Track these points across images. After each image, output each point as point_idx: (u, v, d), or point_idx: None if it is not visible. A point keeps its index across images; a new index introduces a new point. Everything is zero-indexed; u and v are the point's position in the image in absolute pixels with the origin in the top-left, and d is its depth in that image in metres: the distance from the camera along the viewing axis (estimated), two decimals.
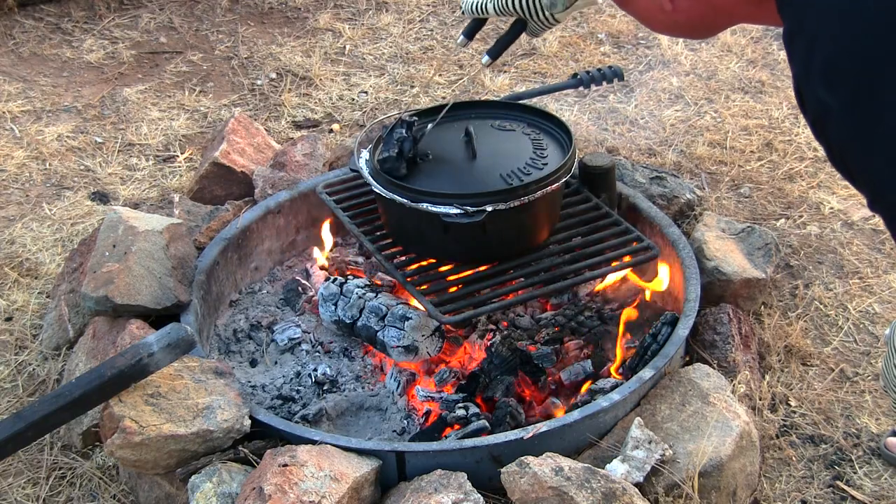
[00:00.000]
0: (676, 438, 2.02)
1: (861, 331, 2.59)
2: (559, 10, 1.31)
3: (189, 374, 2.08)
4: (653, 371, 2.12)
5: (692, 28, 1.20)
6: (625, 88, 3.81)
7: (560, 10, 1.30)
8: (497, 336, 2.40)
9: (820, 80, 0.96)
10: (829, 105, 0.96)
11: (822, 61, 0.95)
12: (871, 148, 0.94)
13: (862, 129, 0.94)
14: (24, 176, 3.36)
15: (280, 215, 2.77)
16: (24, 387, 2.47)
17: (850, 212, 3.03)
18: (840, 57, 0.94)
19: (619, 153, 3.29)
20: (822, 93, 0.96)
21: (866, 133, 0.94)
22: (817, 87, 0.96)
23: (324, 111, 3.76)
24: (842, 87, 0.94)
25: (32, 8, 4.48)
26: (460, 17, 4.47)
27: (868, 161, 0.96)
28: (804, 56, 0.98)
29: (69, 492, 2.18)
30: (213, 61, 4.16)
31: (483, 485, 1.91)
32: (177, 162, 3.43)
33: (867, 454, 2.24)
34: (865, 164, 0.97)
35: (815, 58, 0.96)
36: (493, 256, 2.29)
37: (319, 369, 2.38)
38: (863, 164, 0.97)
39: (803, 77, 0.99)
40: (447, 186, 2.17)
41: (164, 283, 2.36)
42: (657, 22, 1.22)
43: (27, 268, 2.89)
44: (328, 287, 2.49)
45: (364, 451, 1.97)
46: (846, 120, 0.95)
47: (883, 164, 0.95)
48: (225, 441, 2.00)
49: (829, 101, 0.95)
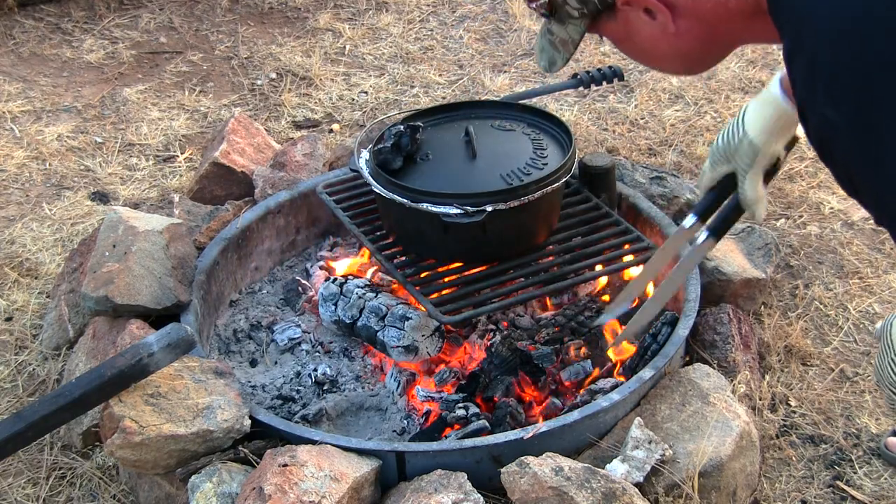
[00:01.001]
0: (676, 438, 2.02)
1: (861, 331, 2.59)
2: (559, 68, 1.32)
3: (189, 374, 2.08)
4: (653, 371, 2.12)
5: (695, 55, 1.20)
6: (625, 88, 3.81)
7: (560, 66, 1.31)
8: (497, 336, 2.40)
9: (823, 97, 0.95)
10: (834, 122, 0.95)
11: (824, 78, 0.95)
12: (876, 162, 0.94)
13: (867, 144, 0.94)
14: (24, 176, 3.37)
15: (280, 215, 2.77)
16: (24, 387, 2.47)
17: (850, 212, 3.03)
18: (842, 73, 0.93)
19: (619, 153, 3.29)
20: (827, 110, 0.95)
21: (871, 147, 0.94)
22: (821, 105, 0.96)
23: (324, 111, 3.76)
24: (845, 103, 0.94)
25: (32, 8, 4.48)
26: (460, 16, 4.48)
27: (873, 175, 0.96)
28: (806, 74, 0.98)
29: (69, 492, 2.18)
30: (213, 61, 4.16)
31: (483, 485, 1.91)
32: (177, 162, 3.43)
33: (867, 454, 2.24)
34: (871, 178, 0.97)
35: (817, 75, 0.96)
36: (493, 256, 2.29)
37: (319, 369, 2.38)
38: (868, 179, 0.97)
39: (806, 96, 0.98)
40: (447, 186, 2.17)
41: (164, 283, 2.36)
42: (661, 54, 1.21)
43: (27, 268, 2.89)
44: (328, 287, 2.49)
45: (364, 451, 1.97)
46: (851, 135, 0.95)
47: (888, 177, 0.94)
48: (225, 441, 2.00)
49: (834, 119, 0.95)
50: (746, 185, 1.55)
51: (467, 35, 4.30)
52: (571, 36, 1.24)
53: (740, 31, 1.14)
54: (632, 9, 1.14)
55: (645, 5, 1.13)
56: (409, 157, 2.30)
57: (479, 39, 4.29)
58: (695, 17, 1.12)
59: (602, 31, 1.22)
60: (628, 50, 1.25)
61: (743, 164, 1.54)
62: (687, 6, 1.12)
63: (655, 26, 1.15)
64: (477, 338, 2.44)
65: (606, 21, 1.19)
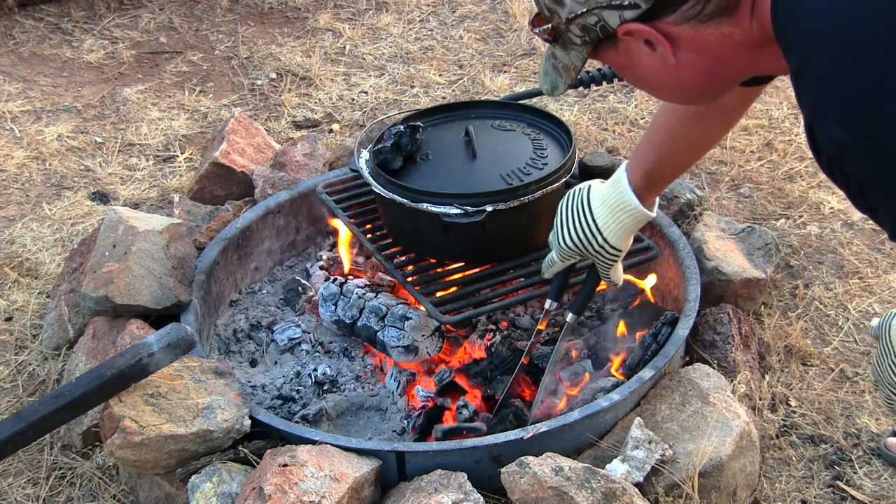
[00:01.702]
0: (676, 438, 2.02)
1: (861, 331, 2.59)
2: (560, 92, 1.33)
3: (189, 374, 2.08)
4: (653, 371, 2.12)
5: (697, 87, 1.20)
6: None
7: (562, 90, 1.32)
8: (497, 336, 2.40)
9: (832, 117, 0.95)
10: (844, 142, 0.95)
11: (832, 98, 0.95)
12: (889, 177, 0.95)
13: (879, 160, 0.94)
14: (24, 176, 3.37)
15: (280, 215, 2.77)
16: (24, 387, 2.47)
17: (850, 212, 3.03)
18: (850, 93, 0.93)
19: (619, 153, 3.29)
20: (835, 130, 0.95)
21: (884, 163, 0.94)
22: (830, 126, 0.96)
23: (324, 111, 3.76)
24: (854, 123, 0.94)
25: (32, 8, 4.48)
26: (460, 16, 4.48)
27: (888, 191, 0.96)
28: (814, 95, 0.98)
29: (69, 492, 2.18)
30: (213, 61, 4.16)
31: (483, 485, 1.91)
32: (177, 162, 3.43)
33: (867, 454, 2.24)
34: (886, 195, 0.97)
35: (824, 96, 0.96)
36: (493, 256, 2.29)
37: (319, 369, 2.38)
38: (883, 195, 0.97)
39: (815, 116, 0.98)
40: (447, 186, 2.17)
41: (164, 283, 2.36)
42: (661, 84, 1.22)
43: (27, 268, 2.89)
44: (328, 287, 2.49)
45: (364, 451, 1.97)
46: (862, 152, 0.95)
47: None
48: (225, 441, 2.00)
49: (843, 139, 0.95)
50: (611, 273, 1.87)
51: (467, 35, 4.30)
52: (574, 62, 1.25)
53: (747, 62, 1.14)
54: (633, 39, 1.14)
55: (645, 37, 1.12)
56: (409, 157, 2.30)
57: (479, 39, 4.29)
58: (697, 50, 1.12)
59: (604, 59, 1.22)
60: (630, 78, 1.25)
61: (606, 262, 1.83)
62: (688, 39, 1.11)
63: (655, 57, 1.14)
64: (477, 338, 2.44)
65: (608, 49, 1.19)
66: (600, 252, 1.79)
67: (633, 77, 1.24)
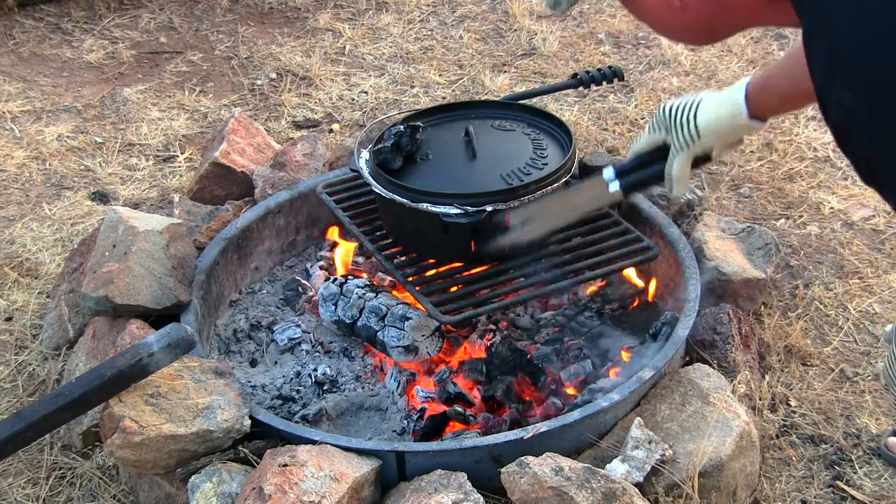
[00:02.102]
0: (676, 438, 2.02)
1: (861, 331, 2.59)
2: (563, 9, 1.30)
3: (189, 374, 2.08)
4: (653, 371, 2.12)
5: (701, 29, 1.18)
6: (625, 88, 3.81)
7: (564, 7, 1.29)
8: (497, 336, 2.40)
9: (843, 82, 0.93)
10: (853, 109, 0.93)
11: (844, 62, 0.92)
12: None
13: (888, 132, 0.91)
14: (24, 176, 3.37)
15: (280, 215, 2.77)
16: (24, 387, 2.47)
17: (850, 212, 3.03)
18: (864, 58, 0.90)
19: (619, 153, 3.29)
20: (846, 96, 0.92)
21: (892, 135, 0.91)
22: (840, 90, 0.93)
23: (324, 111, 3.76)
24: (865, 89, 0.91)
25: (32, 8, 4.48)
26: (460, 16, 4.48)
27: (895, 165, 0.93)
28: (826, 57, 0.95)
29: (69, 492, 2.18)
30: (213, 61, 4.16)
31: (483, 485, 1.91)
32: (177, 162, 3.43)
33: (867, 454, 2.24)
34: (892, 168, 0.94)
35: (836, 60, 0.93)
36: (493, 256, 2.29)
37: (319, 369, 2.38)
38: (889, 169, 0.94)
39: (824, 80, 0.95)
40: (447, 186, 2.17)
41: (164, 283, 2.36)
42: (665, 23, 1.19)
43: (27, 268, 2.89)
44: (328, 287, 2.49)
45: (364, 451, 1.97)
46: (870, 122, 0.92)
47: None
48: (225, 441, 2.00)
49: (853, 105, 0.92)
50: (675, 162, 1.67)
51: (467, 35, 4.30)
52: None
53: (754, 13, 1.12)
54: None
55: None
56: (409, 157, 2.30)
57: (479, 39, 4.29)
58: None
59: None
60: (634, 11, 1.22)
61: (679, 143, 1.64)
62: None
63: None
64: (477, 338, 2.44)
65: None
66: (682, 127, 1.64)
67: (637, 11, 1.21)
